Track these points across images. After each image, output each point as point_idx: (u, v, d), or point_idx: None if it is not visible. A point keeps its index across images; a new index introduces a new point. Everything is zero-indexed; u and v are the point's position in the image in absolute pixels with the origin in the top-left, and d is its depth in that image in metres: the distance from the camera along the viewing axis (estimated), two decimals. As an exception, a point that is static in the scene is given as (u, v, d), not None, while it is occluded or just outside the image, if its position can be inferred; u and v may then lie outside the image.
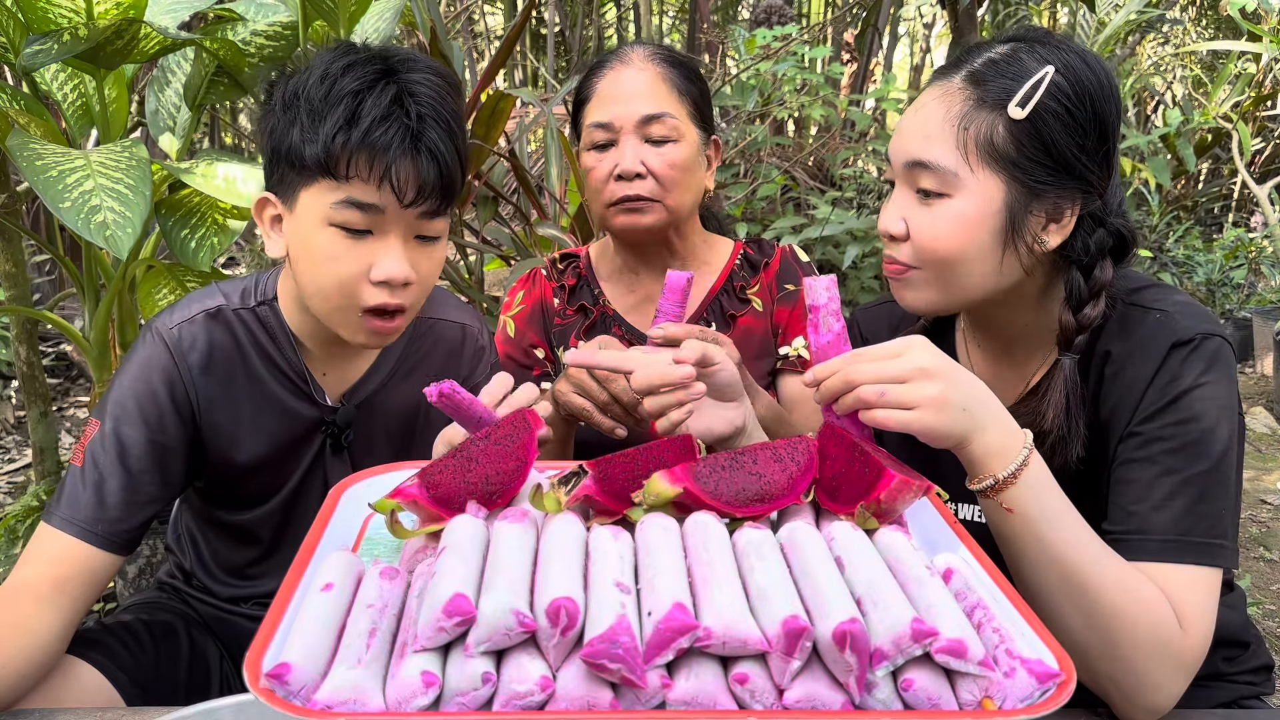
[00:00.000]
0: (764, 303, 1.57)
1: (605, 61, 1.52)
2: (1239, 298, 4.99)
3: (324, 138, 1.06)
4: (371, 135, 1.06)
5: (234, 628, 1.33)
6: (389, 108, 1.07)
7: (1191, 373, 1.01)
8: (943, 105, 1.06)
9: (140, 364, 1.20)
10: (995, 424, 0.92)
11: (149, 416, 1.17)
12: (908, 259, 1.09)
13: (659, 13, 8.42)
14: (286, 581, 0.77)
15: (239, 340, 1.23)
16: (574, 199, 2.64)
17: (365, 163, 1.07)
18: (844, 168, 4.13)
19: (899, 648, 0.67)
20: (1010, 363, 1.18)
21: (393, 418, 1.30)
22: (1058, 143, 1.02)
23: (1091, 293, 1.06)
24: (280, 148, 1.11)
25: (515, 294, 1.66)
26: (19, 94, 1.95)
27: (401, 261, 1.11)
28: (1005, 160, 1.03)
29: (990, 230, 1.04)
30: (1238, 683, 1.19)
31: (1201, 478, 0.98)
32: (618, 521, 0.85)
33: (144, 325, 1.25)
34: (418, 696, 0.66)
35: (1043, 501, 0.93)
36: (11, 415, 3.65)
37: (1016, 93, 1.02)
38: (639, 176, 1.45)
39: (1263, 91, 6.28)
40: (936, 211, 1.05)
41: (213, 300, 1.24)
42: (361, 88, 1.08)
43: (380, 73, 1.09)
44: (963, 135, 1.03)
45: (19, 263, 2.19)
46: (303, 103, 1.09)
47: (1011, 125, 1.02)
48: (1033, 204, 1.04)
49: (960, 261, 1.06)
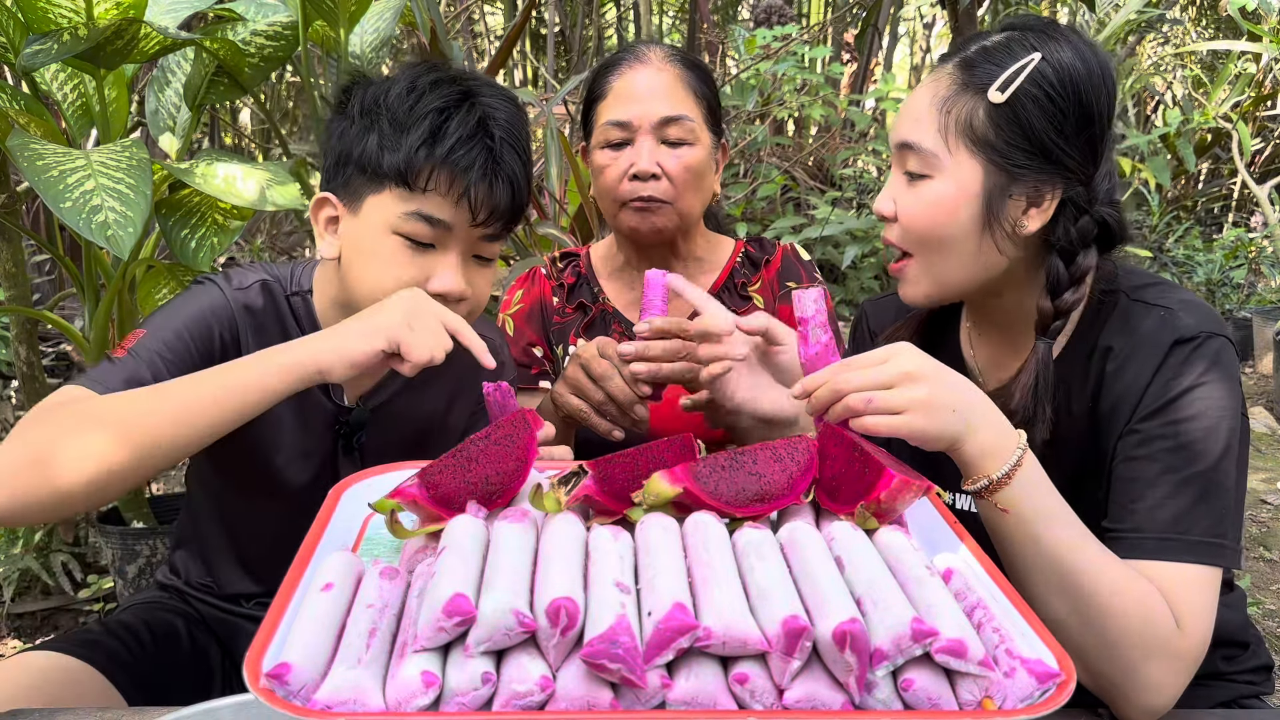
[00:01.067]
0: (765, 300, 1.58)
1: (621, 59, 1.52)
2: (1239, 298, 4.99)
3: (407, 149, 1.09)
4: (455, 154, 1.10)
5: (234, 627, 1.33)
6: (474, 129, 1.11)
7: (1193, 371, 1.01)
8: (931, 89, 1.08)
9: (202, 308, 1.18)
10: (987, 424, 0.92)
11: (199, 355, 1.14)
12: (896, 239, 1.11)
13: (659, 13, 8.43)
14: (286, 581, 0.77)
15: (282, 317, 1.24)
16: (574, 199, 2.64)
17: (445, 180, 1.10)
18: (844, 168, 4.13)
19: (899, 648, 0.67)
20: (1013, 351, 1.17)
21: (407, 424, 1.31)
22: (1035, 127, 1.03)
23: (1072, 279, 1.07)
24: (352, 152, 1.13)
25: (514, 292, 1.66)
26: (19, 94, 1.95)
27: (459, 277, 1.14)
28: (984, 143, 1.04)
29: (969, 212, 1.06)
30: (1237, 682, 1.19)
31: (1201, 477, 0.98)
32: (618, 521, 0.85)
33: (199, 277, 1.23)
34: (418, 696, 0.66)
35: (1037, 501, 0.93)
36: (11, 415, 3.65)
37: (997, 77, 1.03)
38: (654, 177, 1.45)
39: (1263, 91, 6.28)
40: (920, 192, 1.07)
41: (263, 274, 1.25)
42: (447, 105, 1.11)
43: (462, 94, 1.13)
44: (944, 118, 1.05)
45: (19, 263, 2.20)
46: (385, 112, 1.12)
47: (991, 109, 1.03)
48: (1012, 188, 1.05)
49: (941, 242, 1.07)
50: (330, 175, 1.18)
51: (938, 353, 0.96)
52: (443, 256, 1.14)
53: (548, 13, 7.09)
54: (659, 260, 1.57)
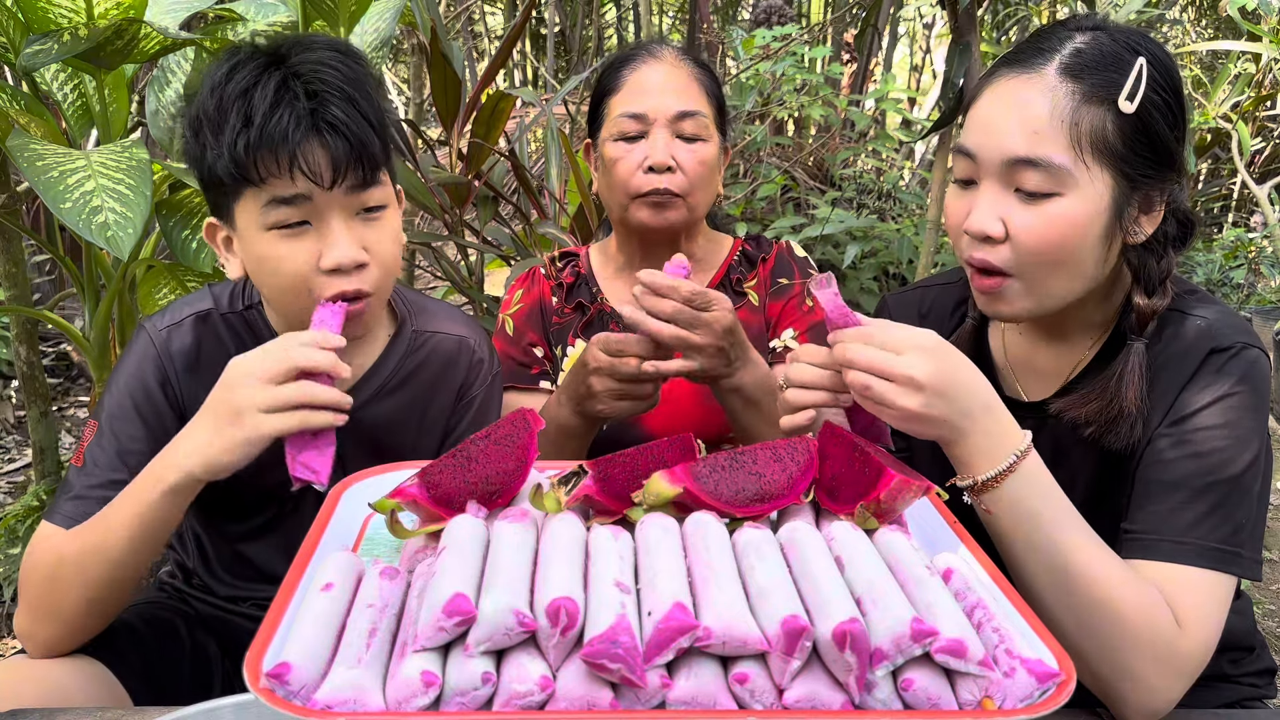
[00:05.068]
0: (759, 296, 1.58)
1: (634, 55, 1.52)
2: (1239, 298, 4.98)
3: (227, 148, 1.05)
4: (268, 128, 1.04)
5: (234, 627, 1.33)
6: (276, 95, 1.05)
7: (1226, 381, 1.01)
8: (1044, 100, 1.00)
9: (134, 364, 1.21)
10: (982, 430, 0.92)
11: (146, 414, 1.18)
12: (1003, 262, 1.03)
13: (659, 13, 8.42)
14: (286, 581, 0.77)
15: (225, 344, 1.23)
16: (574, 199, 2.64)
17: (270, 158, 1.05)
18: (844, 168, 4.13)
19: (899, 647, 0.67)
20: (1049, 352, 1.16)
21: (381, 429, 1.28)
22: (1161, 134, 1.01)
23: (1161, 277, 1.05)
24: (201, 173, 1.11)
25: (514, 292, 1.66)
26: (19, 94, 1.95)
27: (347, 244, 1.09)
28: (1114, 155, 1.00)
29: (1098, 228, 1.01)
30: (1241, 684, 1.20)
31: (1224, 485, 0.98)
32: (618, 521, 0.85)
33: (137, 327, 1.26)
34: (418, 696, 0.66)
35: (1035, 502, 0.93)
36: (11, 415, 3.65)
37: (1118, 85, 1.00)
38: (669, 170, 1.45)
39: (1262, 92, 6.28)
40: (1045, 211, 1.00)
41: (203, 304, 1.25)
42: (249, 85, 1.06)
43: (265, 65, 1.08)
44: (1075, 132, 0.99)
45: (19, 263, 2.19)
46: (204, 121, 1.08)
47: (1119, 119, 1.00)
48: (1132, 196, 1.03)
49: (1064, 263, 1.02)
50: (207, 200, 1.16)
51: (965, 352, 0.96)
52: (322, 230, 1.09)
53: (548, 13, 7.10)
54: (663, 258, 1.57)
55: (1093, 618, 0.92)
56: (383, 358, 1.29)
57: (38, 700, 1.04)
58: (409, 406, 1.31)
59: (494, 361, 1.40)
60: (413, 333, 1.32)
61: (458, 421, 1.34)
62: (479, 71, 5.42)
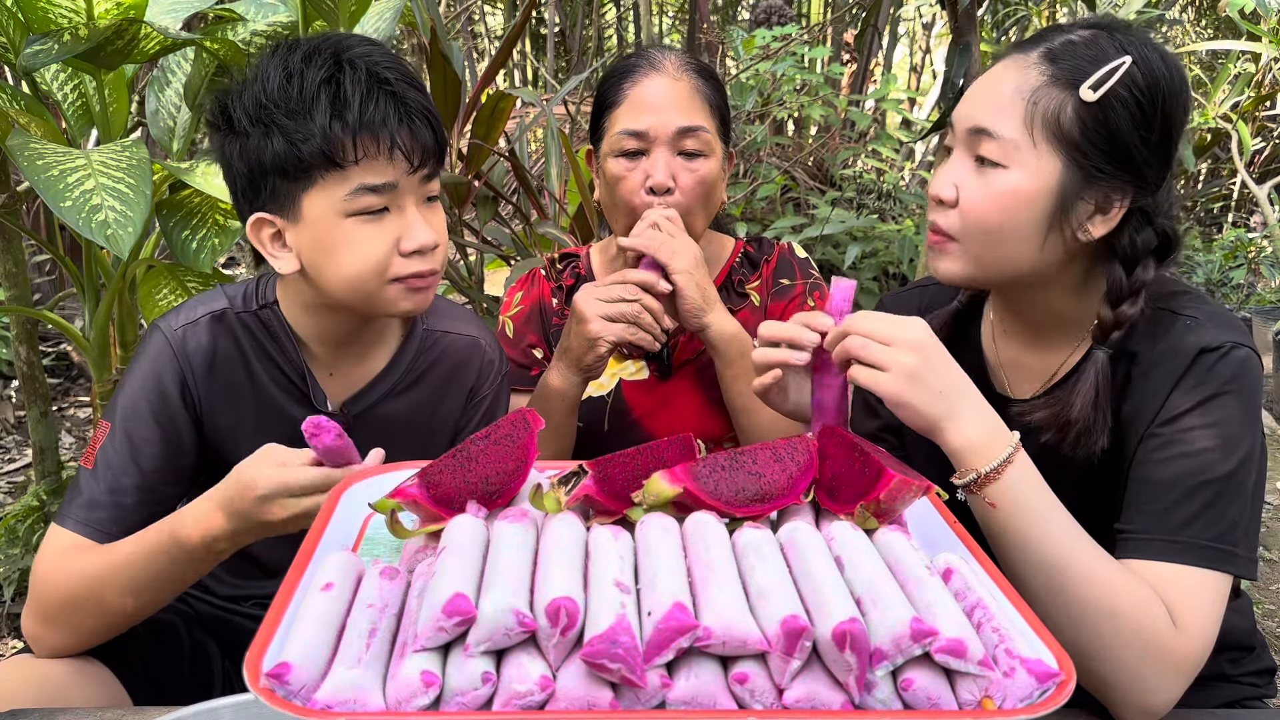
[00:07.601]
0: (761, 298, 1.58)
1: (635, 66, 1.50)
2: (1239, 298, 4.98)
3: (320, 132, 1.07)
4: (366, 114, 1.08)
5: (234, 627, 1.33)
6: (369, 83, 1.09)
7: (1216, 380, 1.01)
8: (1016, 77, 1.04)
9: (149, 364, 1.20)
10: (973, 418, 0.93)
11: (160, 416, 1.17)
12: (951, 226, 1.08)
13: (659, 13, 8.42)
14: (286, 581, 0.77)
15: (241, 344, 1.23)
16: (574, 199, 2.64)
17: (370, 142, 1.09)
18: (844, 168, 4.14)
19: (899, 647, 0.67)
20: (1037, 351, 1.17)
21: (394, 428, 1.29)
22: (1122, 131, 1.02)
23: (1131, 290, 1.05)
24: (263, 162, 1.10)
25: (514, 294, 1.66)
26: (19, 94, 1.95)
27: (424, 228, 1.14)
28: (1068, 141, 1.02)
29: (1039, 209, 1.03)
30: (1241, 684, 1.20)
31: (1216, 484, 0.98)
32: (618, 521, 0.85)
33: (150, 326, 1.25)
34: (418, 696, 0.66)
35: (1029, 500, 0.93)
36: (11, 415, 3.65)
37: (1089, 74, 1.01)
38: (668, 191, 1.45)
39: (1262, 91, 6.28)
40: (990, 180, 1.05)
41: (217, 303, 1.24)
42: (331, 73, 1.09)
43: (335, 56, 1.10)
44: (1030, 109, 1.02)
45: (19, 263, 2.20)
46: (276, 109, 1.08)
47: (1080, 107, 1.01)
48: (1085, 190, 1.03)
49: (1003, 235, 1.05)
50: (250, 194, 1.14)
51: (959, 348, 0.97)
52: (400, 216, 1.13)
53: (548, 13, 7.10)
54: None
55: (1087, 615, 0.92)
56: (396, 357, 1.30)
57: (38, 700, 1.04)
58: (421, 405, 1.32)
59: (503, 362, 1.41)
60: (424, 332, 1.33)
61: (467, 422, 1.35)
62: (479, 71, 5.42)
